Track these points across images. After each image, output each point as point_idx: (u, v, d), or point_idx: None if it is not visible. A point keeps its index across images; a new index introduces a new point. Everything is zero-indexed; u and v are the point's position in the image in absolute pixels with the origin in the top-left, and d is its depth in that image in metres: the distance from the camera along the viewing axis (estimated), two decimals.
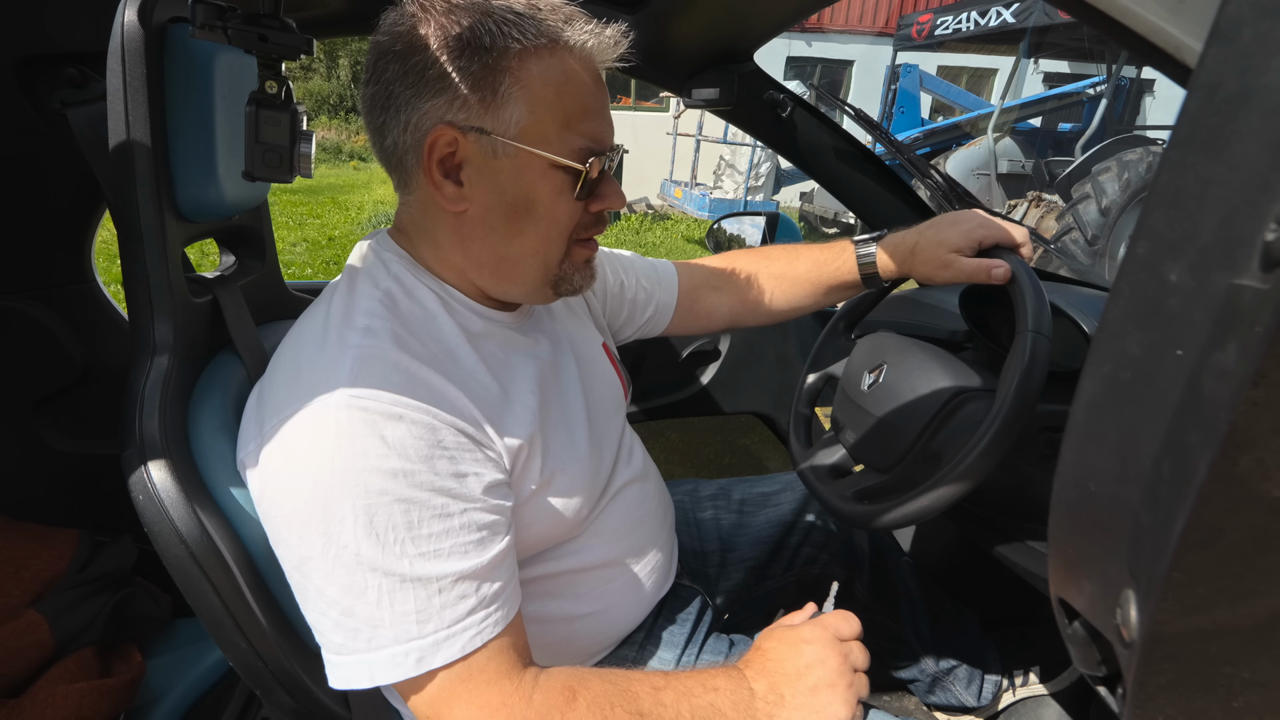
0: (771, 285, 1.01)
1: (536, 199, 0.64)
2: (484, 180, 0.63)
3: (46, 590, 0.97)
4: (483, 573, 0.58)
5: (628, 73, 1.29)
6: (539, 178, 0.63)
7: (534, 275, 0.68)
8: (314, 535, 0.54)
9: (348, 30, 1.11)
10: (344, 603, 0.55)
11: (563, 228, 0.67)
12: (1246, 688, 0.31)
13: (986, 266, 0.81)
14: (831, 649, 0.63)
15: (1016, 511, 0.85)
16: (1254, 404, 0.23)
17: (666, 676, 0.62)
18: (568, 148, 0.63)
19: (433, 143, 0.61)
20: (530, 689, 0.58)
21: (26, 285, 1.07)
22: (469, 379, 0.64)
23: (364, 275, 0.67)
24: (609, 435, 0.82)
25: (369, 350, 0.59)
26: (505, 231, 0.66)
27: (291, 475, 0.56)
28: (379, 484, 0.53)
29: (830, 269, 0.96)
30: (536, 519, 0.68)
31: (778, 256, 1.02)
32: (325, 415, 0.55)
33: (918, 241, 0.88)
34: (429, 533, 0.55)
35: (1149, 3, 0.62)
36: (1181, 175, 0.28)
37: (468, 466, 0.59)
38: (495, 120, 0.61)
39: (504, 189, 0.64)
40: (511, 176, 0.63)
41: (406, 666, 0.54)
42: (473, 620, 0.56)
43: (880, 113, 8.27)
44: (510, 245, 0.66)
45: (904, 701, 1.27)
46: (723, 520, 1.09)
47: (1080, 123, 6.95)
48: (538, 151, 0.62)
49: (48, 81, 0.90)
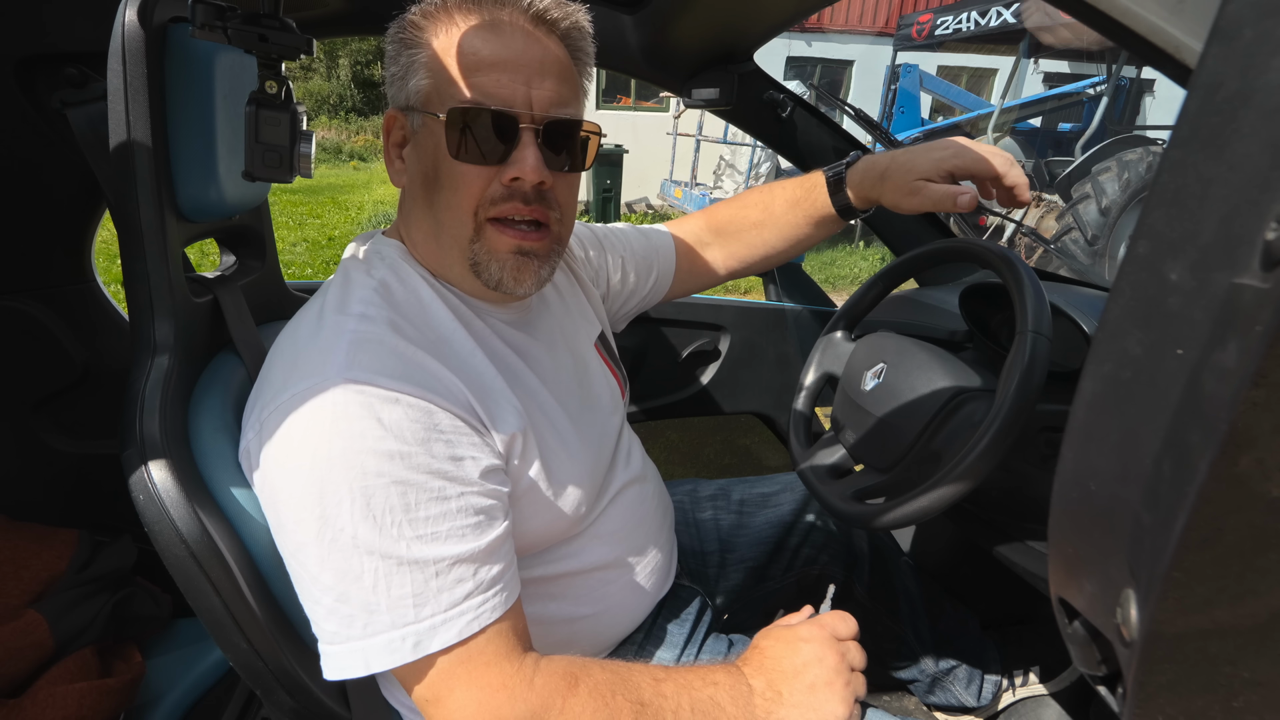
0: (754, 233, 1.01)
1: (439, 164, 0.65)
2: (413, 152, 0.68)
3: (46, 590, 0.97)
4: (480, 556, 0.57)
5: (628, 73, 1.29)
6: (439, 142, 0.64)
7: (455, 254, 0.67)
8: (310, 519, 0.54)
9: (348, 30, 1.11)
10: (339, 588, 0.54)
11: (462, 195, 0.65)
12: (1246, 687, 0.31)
13: (953, 194, 0.79)
14: (829, 648, 0.64)
15: (1016, 511, 0.84)
16: (1254, 404, 0.23)
17: (667, 669, 0.62)
18: (453, 102, 0.63)
19: (388, 128, 0.70)
20: (532, 672, 0.57)
21: (26, 285, 1.07)
22: (464, 365, 0.64)
23: (359, 266, 0.68)
24: (606, 434, 0.81)
25: (365, 334, 0.59)
26: (425, 201, 0.67)
27: (289, 459, 0.55)
28: (376, 466, 0.53)
29: (805, 204, 0.96)
30: (534, 514, 0.68)
31: (754, 202, 1.02)
32: (322, 399, 0.55)
33: (888, 166, 0.86)
34: (426, 515, 0.55)
35: (1149, 3, 0.62)
36: (1182, 175, 0.28)
37: (464, 450, 0.59)
38: (409, 92, 0.66)
39: (420, 157, 0.67)
40: (424, 143, 0.66)
41: (403, 652, 0.54)
42: (470, 604, 0.56)
43: (880, 113, 8.25)
44: (430, 216, 0.68)
45: (904, 701, 1.27)
46: (722, 521, 1.09)
47: (1080, 123, 6.95)
48: (430, 112, 0.64)
49: (48, 81, 0.90)
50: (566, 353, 0.80)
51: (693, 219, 1.06)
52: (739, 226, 1.02)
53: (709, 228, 1.04)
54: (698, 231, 1.04)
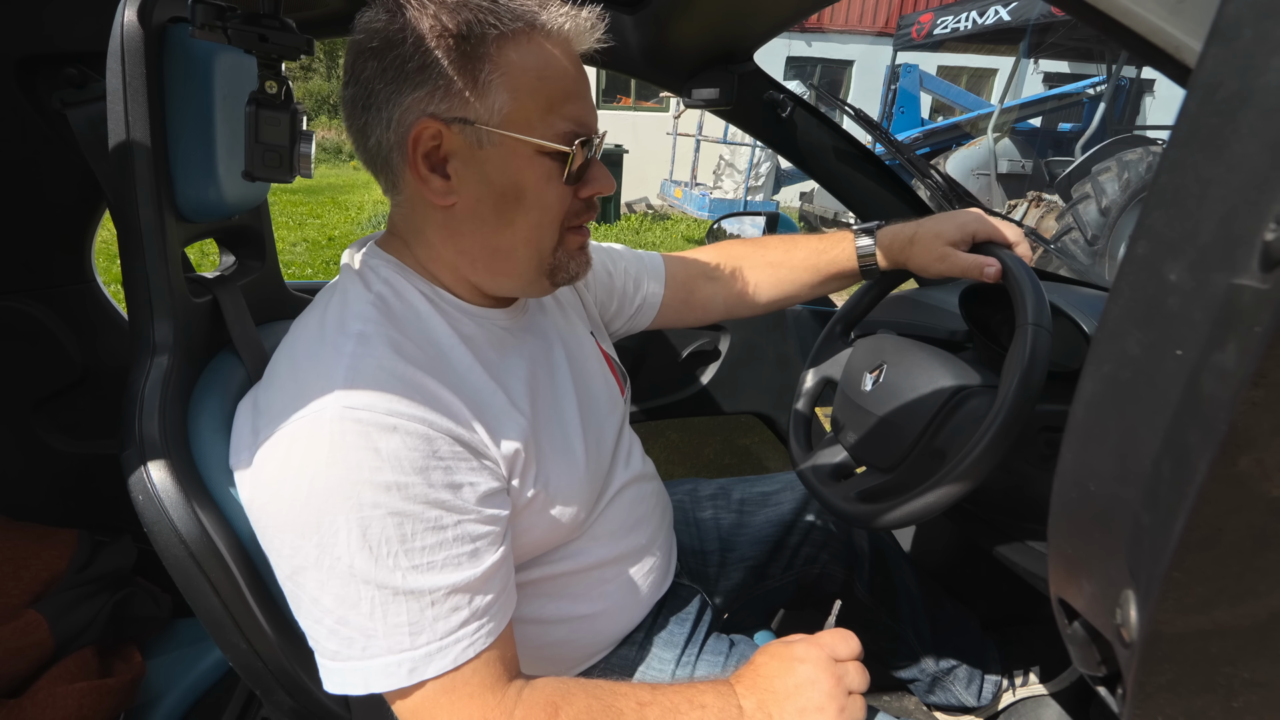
0: (767, 273, 1.02)
1: (525, 187, 0.64)
2: (471, 171, 0.62)
3: (46, 590, 0.97)
4: (476, 584, 0.57)
5: (628, 73, 1.29)
6: (526, 165, 0.63)
7: (529, 265, 0.68)
8: (308, 546, 0.54)
9: (348, 30, 1.10)
10: (338, 612, 0.55)
11: (553, 214, 0.66)
12: (1246, 688, 0.31)
13: (981, 263, 0.83)
14: (825, 670, 0.62)
15: (1016, 511, 0.84)
16: (1254, 404, 0.23)
17: (654, 691, 0.61)
18: (553, 132, 0.62)
19: (416, 137, 0.60)
20: (513, 704, 0.58)
21: (26, 285, 1.07)
22: (463, 383, 0.64)
23: (355, 280, 0.67)
24: (606, 434, 0.81)
25: (364, 357, 0.58)
26: (496, 222, 0.65)
27: (285, 485, 0.55)
28: (372, 497, 0.53)
29: (828, 257, 0.98)
30: (534, 523, 0.68)
31: (775, 245, 1.03)
32: (319, 425, 0.54)
33: (916, 232, 0.90)
34: (422, 545, 0.55)
35: (1149, 3, 0.62)
36: (1181, 175, 0.28)
37: (463, 476, 0.58)
38: (478, 109, 0.60)
39: (491, 179, 0.63)
40: (498, 165, 0.62)
41: (399, 676, 0.54)
42: (465, 632, 0.56)
43: (880, 113, 8.26)
44: (502, 236, 0.66)
45: (904, 701, 1.27)
46: (722, 520, 1.09)
47: (1080, 123, 6.95)
48: (523, 138, 0.62)
49: (48, 81, 0.90)
50: (565, 351, 0.80)
51: (704, 251, 1.06)
52: (754, 262, 1.02)
53: (718, 263, 1.04)
54: (704, 266, 1.03)
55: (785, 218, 1.66)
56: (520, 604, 0.68)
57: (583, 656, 0.81)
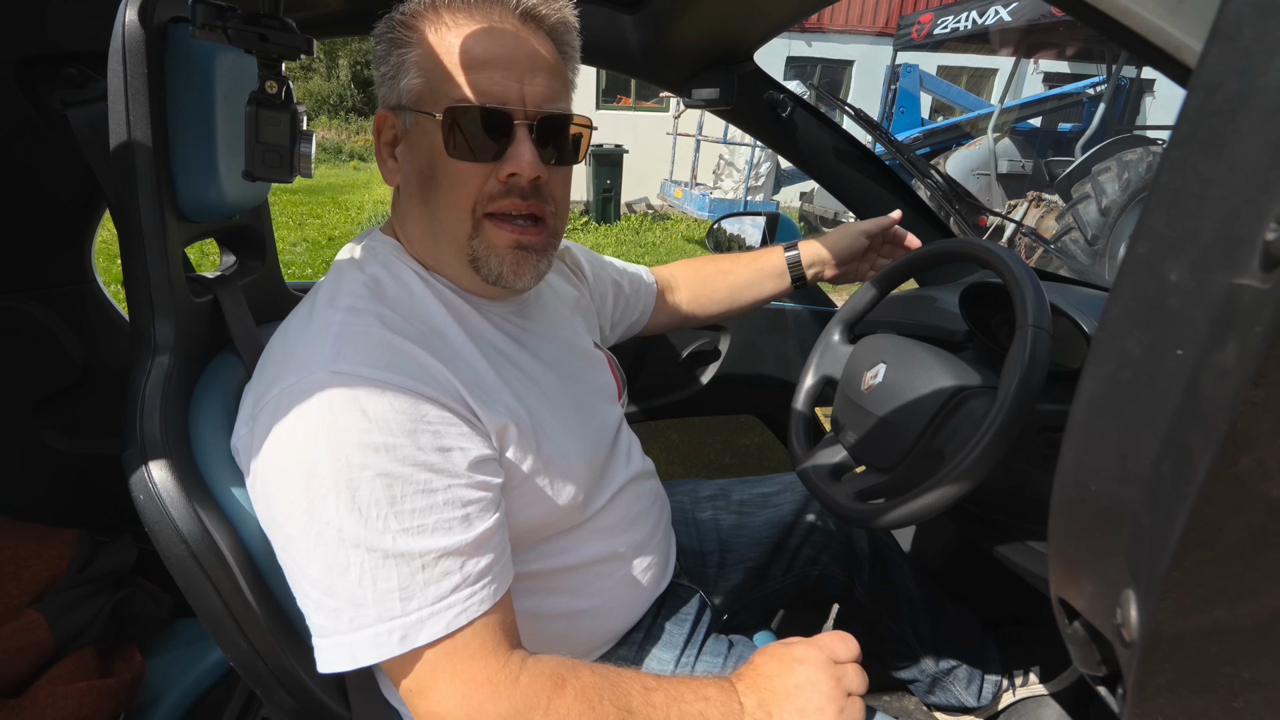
0: (721, 279, 1.15)
1: (434, 162, 0.65)
2: (405, 150, 0.68)
3: (46, 590, 0.97)
4: (468, 549, 0.57)
5: (628, 72, 1.29)
6: (433, 140, 0.64)
7: (452, 250, 0.68)
8: (298, 512, 0.54)
9: (348, 30, 1.11)
10: (325, 581, 0.54)
11: (460, 193, 0.65)
12: (1246, 688, 0.31)
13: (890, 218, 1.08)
14: (824, 672, 0.62)
15: (1016, 511, 0.84)
16: (1254, 404, 0.23)
17: (659, 679, 0.62)
18: (445, 102, 0.63)
19: (378, 128, 0.69)
20: (518, 670, 0.57)
21: (26, 285, 1.07)
22: (455, 357, 0.64)
23: (350, 264, 0.68)
24: (605, 424, 0.81)
25: (352, 326, 0.59)
26: (421, 199, 0.68)
27: (277, 454, 0.56)
28: (360, 458, 0.53)
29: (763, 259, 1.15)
30: (531, 502, 0.68)
31: (724, 257, 1.20)
32: (309, 393, 0.55)
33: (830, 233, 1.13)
34: (411, 508, 0.54)
35: (1149, 3, 0.62)
36: (1181, 175, 0.28)
37: (452, 441, 0.58)
38: (401, 91, 0.65)
39: (415, 156, 0.67)
40: (416, 142, 0.66)
41: (390, 645, 0.54)
42: (457, 598, 0.56)
43: (880, 113, 8.26)
44: (426, 214, 0.68)
45: (904, 701, 1.27)
46: (722, 521, 1.09)
47: (1080, 123, 6.95)
48: (424, 111, 0.64)
49: (48, 81, 0.90)
50: (564, 344, 0.80)
51: (670, 265, 1.21)
52: (707, 273, 1.16)
53: (676, 274, 1.17)
54: (666, 278, 1.16)
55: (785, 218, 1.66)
56: (518, 599, 0.68)
57: (581, 652, 0.81)
